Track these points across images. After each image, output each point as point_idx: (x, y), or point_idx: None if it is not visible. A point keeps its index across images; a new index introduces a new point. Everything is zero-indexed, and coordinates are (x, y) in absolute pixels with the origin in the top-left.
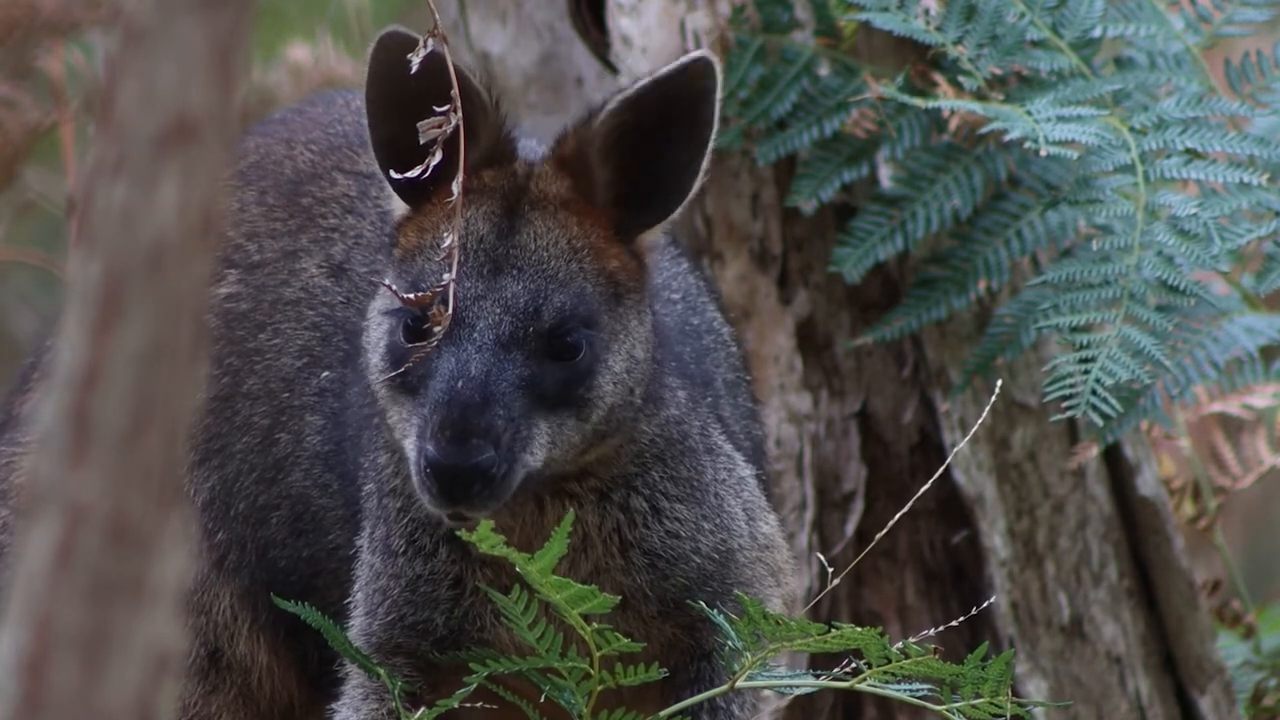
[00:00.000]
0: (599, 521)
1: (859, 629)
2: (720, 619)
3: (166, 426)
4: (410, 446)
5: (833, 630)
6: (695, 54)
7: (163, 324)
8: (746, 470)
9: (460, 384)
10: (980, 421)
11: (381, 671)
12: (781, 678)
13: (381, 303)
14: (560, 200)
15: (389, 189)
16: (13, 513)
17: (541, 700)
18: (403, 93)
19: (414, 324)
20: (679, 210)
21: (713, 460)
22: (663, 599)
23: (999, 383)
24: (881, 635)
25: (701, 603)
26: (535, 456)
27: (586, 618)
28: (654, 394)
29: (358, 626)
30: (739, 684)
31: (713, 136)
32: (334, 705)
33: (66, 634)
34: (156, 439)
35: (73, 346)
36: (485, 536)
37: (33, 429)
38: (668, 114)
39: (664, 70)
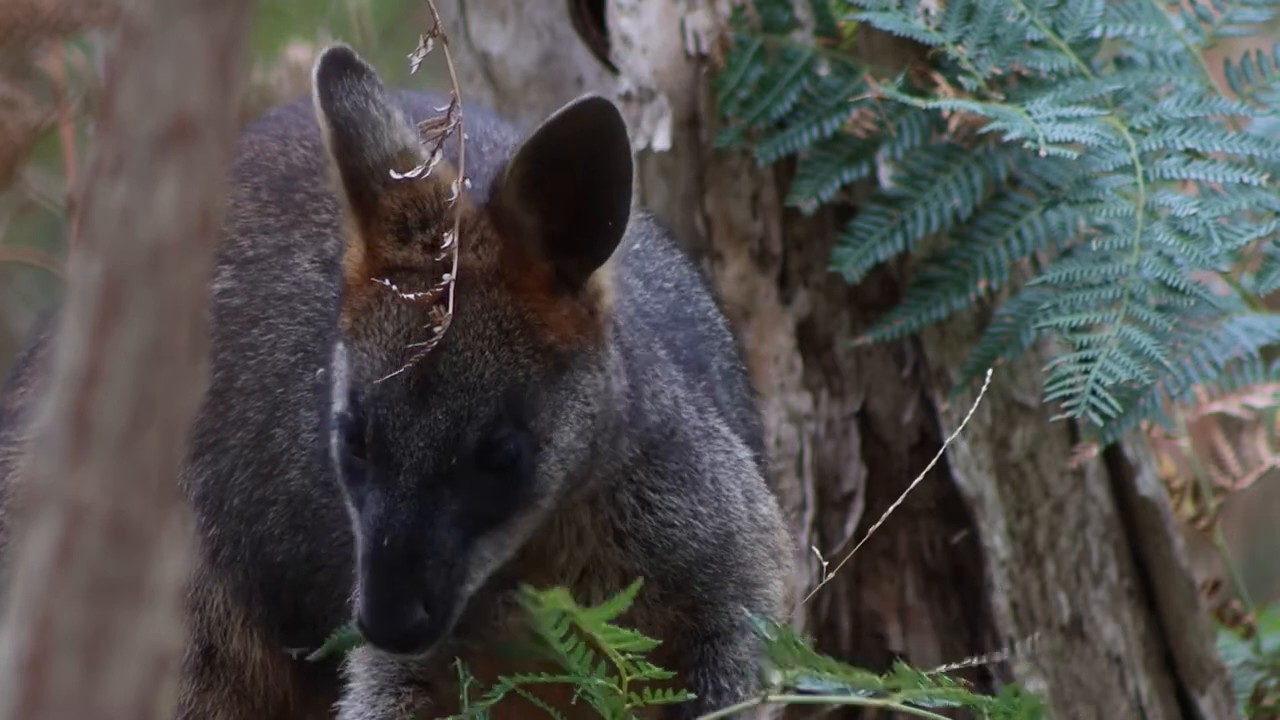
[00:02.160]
0: (590, 519)
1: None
2: (743, 615)
3: (166, 426)
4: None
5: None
6: (588, 95)
7: (163, 324)
8: (745, 452)
9: (386, 540)
10: (965, 421)
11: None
12: (813, 691)
13: (332, 391)
14: (493, 272)
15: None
16: (9, 513)
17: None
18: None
19: (350, 437)
20: (618, 249)
21: (709, 444)
22: (664, 581)
23: (987, 379)
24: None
25: (704, 587)
26: (476, 580)
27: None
28: (637, 407)
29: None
30: (773, 698)
31: (632, 173)
32: (342, 702)
33: (66, 634)
34: (156, 439)
35: (73, 346)
36: (553, 599)
37: (27, 426)
38: (574, 157)
39: (555, 114)
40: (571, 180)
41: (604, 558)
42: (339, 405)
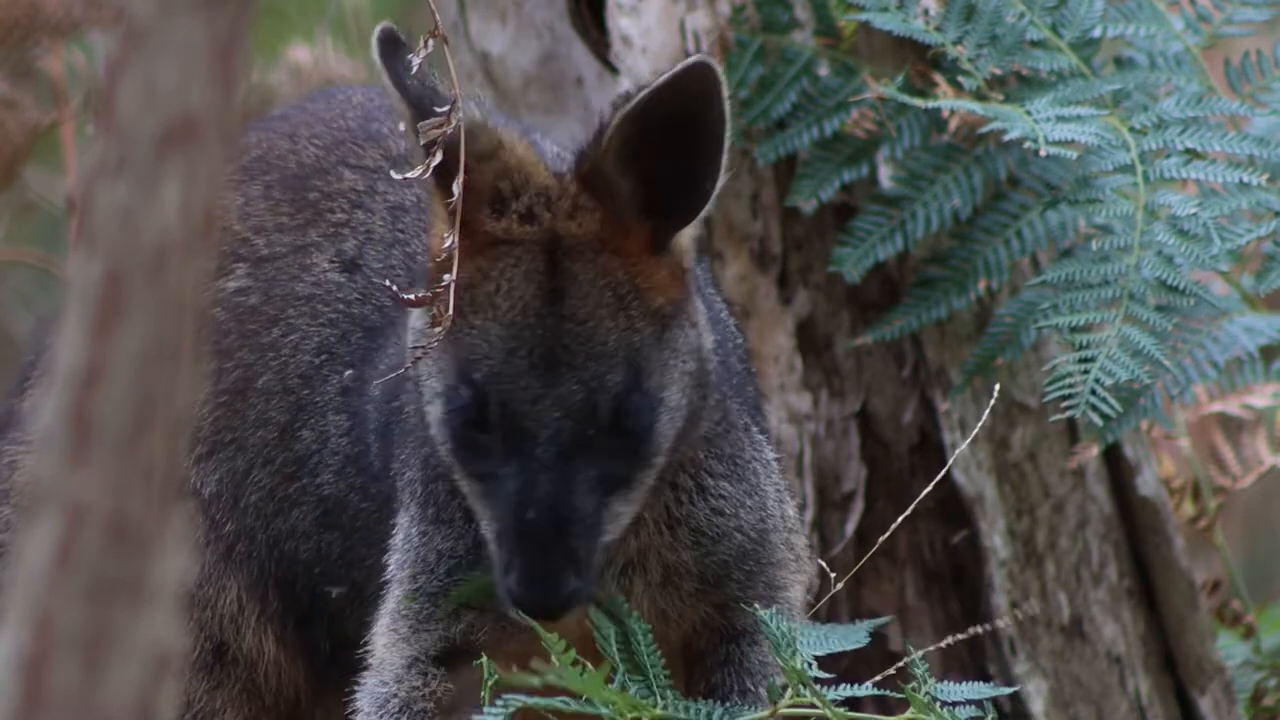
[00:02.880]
0: (649, 500)
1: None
2: (763, 615)
3: (167, 426)
4: (490, 544)
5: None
6: (693, 59)
7: (163, 324)
8: (771, 453)
9: (531, 513)
10: (975, 430)
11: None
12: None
13: (430, 367)
14: (597, 239)
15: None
16: (16, 511)
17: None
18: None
19: (468, 415)
20: (706, 208)
21: (749, 437)
22: (703, 576)
23: (995, 390)
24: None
25: (738, 584)
26: (612, 533)
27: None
28: (719, 365)
29: (403, 590)
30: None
31: (728, 133)
32: (365, 675)
33: (66, 634)
34: (156, 439)
35: (73, 346)
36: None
37: (34, 428)
38: (675, 119)
39: (661, 79)
40: (670, 143)
41: (651, 546)
42: (443, 383)
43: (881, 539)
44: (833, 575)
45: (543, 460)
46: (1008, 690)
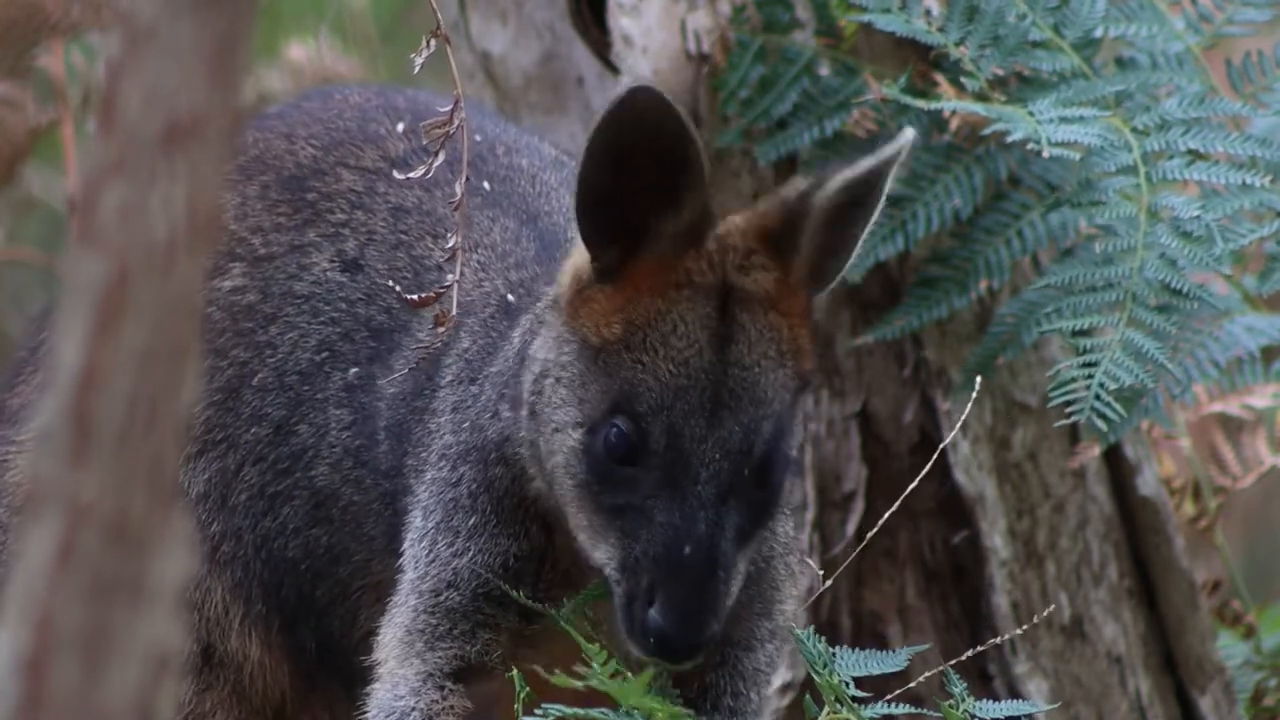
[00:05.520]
0: None
1: None
2: (799, 635)
3: (166, 426)
4: (612, 575)
5: None
6: (904, 133)
7: (163, 324)
8: None
9: (688, 550)
10: (958, 414)
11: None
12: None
13: (564, 376)
14: (769, 297)
15: (574, 239)
16: (9, 511)
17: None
18: (627, 150)
19: (620, 445)
20: (843, 273)
21: None
22: None
23: (976, 384)
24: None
25: (739, 603)
26: (739, 587)
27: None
28: None
29: (422, 603)
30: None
31: (881, 203)
32: (377, 686)
33: (66, 634)
34: (156, 439)
35: (73, 346)
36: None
37: (26, 426)
38: (867, 198)
39: (883, 154)
40: (846, 215)
41: None
42: (597, 406)
43: (870, 534)
44: (821, 573)
45: (704, 498)
46: (1046, 708)
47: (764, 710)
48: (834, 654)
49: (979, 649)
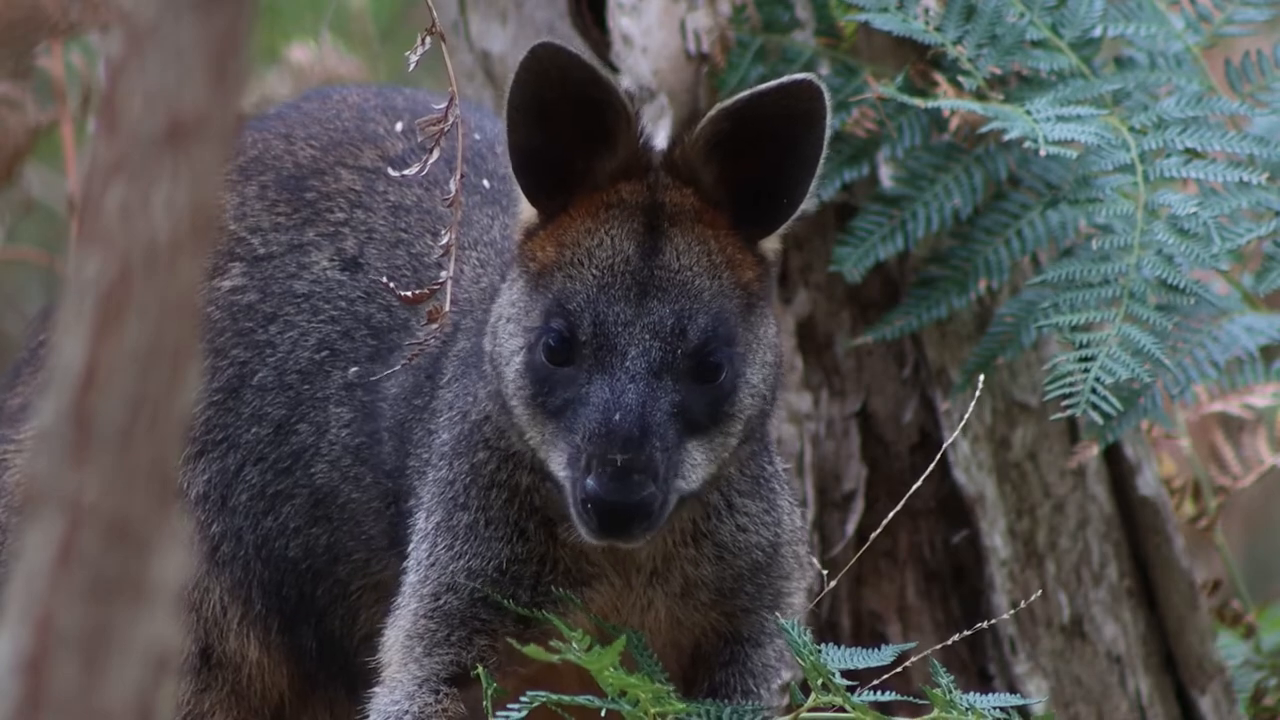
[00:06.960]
0: (679, 512)
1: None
2: (784, 624)
3: (166, 426)
4: (562, 475)
5: None
6: (802, 76)
7: (163, 324)
8: (780, 463)
9: (617, 416)
10: (959, 414)
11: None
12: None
13: (511, 312)
14: (694, 212)
15: (519, 196)
16: (8, 511)
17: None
18: (545, 104)
19: (555, 344)
20: (789, 223)
21: (769, 453)
22: (719, 588)
23: (979, 383)
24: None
25: (749, 596)
26: (688, 481)
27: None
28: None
29: (422, 607)
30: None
31: (821, 159)
32: (376, 689)
33: (66, 634)
34: (157, 439)
35: (73, 346)
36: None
37: (26, 425)
38: (768, 129)
39: (765, 86)
40: (762, 151)
41: (675, 558)
42: (535, 321)
43: (874, 535)
44: (824, 573)
45: (633, 372)
46: (1038, 700)
47: (775, 705)
48: (821, 649)
49: (965, 633)
